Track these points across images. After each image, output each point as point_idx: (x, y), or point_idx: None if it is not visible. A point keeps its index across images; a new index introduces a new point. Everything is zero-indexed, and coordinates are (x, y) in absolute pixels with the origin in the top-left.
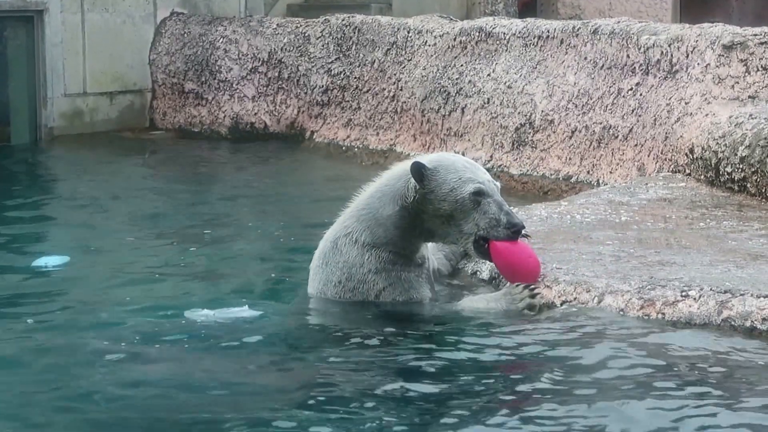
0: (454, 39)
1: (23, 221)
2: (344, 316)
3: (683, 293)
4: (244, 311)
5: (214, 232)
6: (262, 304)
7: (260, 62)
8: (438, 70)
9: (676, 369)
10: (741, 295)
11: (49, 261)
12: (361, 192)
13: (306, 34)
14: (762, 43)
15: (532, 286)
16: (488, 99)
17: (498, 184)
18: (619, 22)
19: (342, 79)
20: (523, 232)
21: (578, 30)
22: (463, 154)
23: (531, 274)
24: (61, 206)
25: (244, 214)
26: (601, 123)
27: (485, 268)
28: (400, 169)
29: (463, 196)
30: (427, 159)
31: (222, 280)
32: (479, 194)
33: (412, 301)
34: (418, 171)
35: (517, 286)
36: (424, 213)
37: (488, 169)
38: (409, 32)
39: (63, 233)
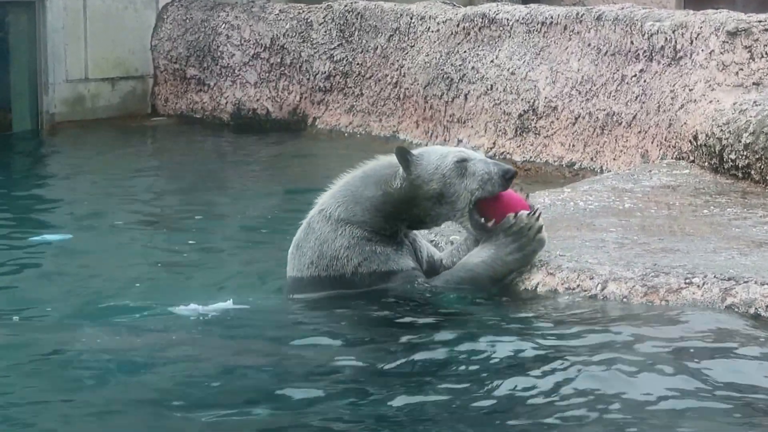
0: (457, 25)
1: (24, 208)
2: (327, 303)
3: (687, 280)
4: (229, 305)
5: (215, 219)
6: (248, 297)
7: (262, 48)
8: (441, 56)
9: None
10: (745, 282)
11: (48, 238)
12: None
13: (308, 20)
14: (766, 30)
15: (533, 210)
16: (491, 85)
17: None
18: (623, 8)
19: (344, 65)
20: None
21: (582, 16)
22: (460, 141)
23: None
24: (61, 193)
25: (245, 201)
26: (604, 110)
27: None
28: (388, 159)
29: (449, 167)
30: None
31: (219, 268)
32: (463, 160)
33: (393, 272)
34: (404, 156)
35: (514, 217)
36: (414, 199)
37: (491, 156)
38: (412, 18)
39: (62, 219)
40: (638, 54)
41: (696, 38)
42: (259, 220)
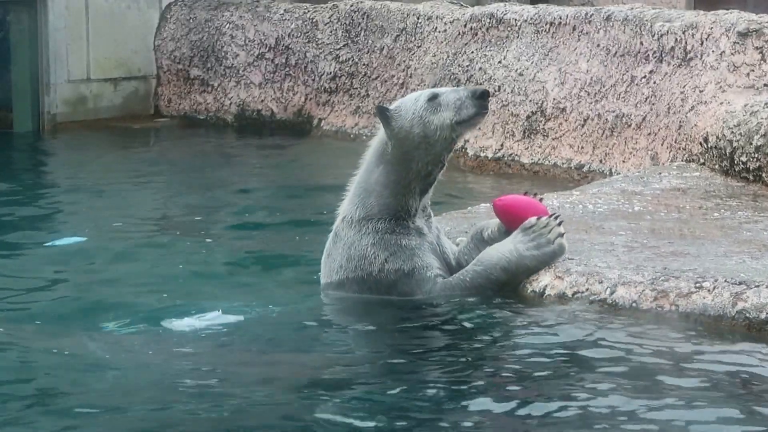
0: (465, 25)
1: (26, 211)
2: (333, 307)
3: (697, 285)
4: (218, 315)
5: (218, 221)
6: (238, 305)
7: (267, 48)
8: (448, 57)
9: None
10: (756, 286)
11: (58, 243)
12: None
13: (314, 20)
14: None
15: (555, 215)
16: (499, 86)
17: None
18: (632, 8)
19: (350, 66)
20: None
21: (591, 16)
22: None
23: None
24: (62, 195)
25: (249, 204)
26: (614, 111)
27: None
28: (376, 137)
29: (423, 107)
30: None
31: (221, 274)
32: (434, 96)
33: (416, 269)
34: (383, 112)
35: (538, 219)
36: (406, 154)
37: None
38: (418, 18)
39: (63, 222)
40: (648, 55)
41: (706, 39)
42: (263, 221)
